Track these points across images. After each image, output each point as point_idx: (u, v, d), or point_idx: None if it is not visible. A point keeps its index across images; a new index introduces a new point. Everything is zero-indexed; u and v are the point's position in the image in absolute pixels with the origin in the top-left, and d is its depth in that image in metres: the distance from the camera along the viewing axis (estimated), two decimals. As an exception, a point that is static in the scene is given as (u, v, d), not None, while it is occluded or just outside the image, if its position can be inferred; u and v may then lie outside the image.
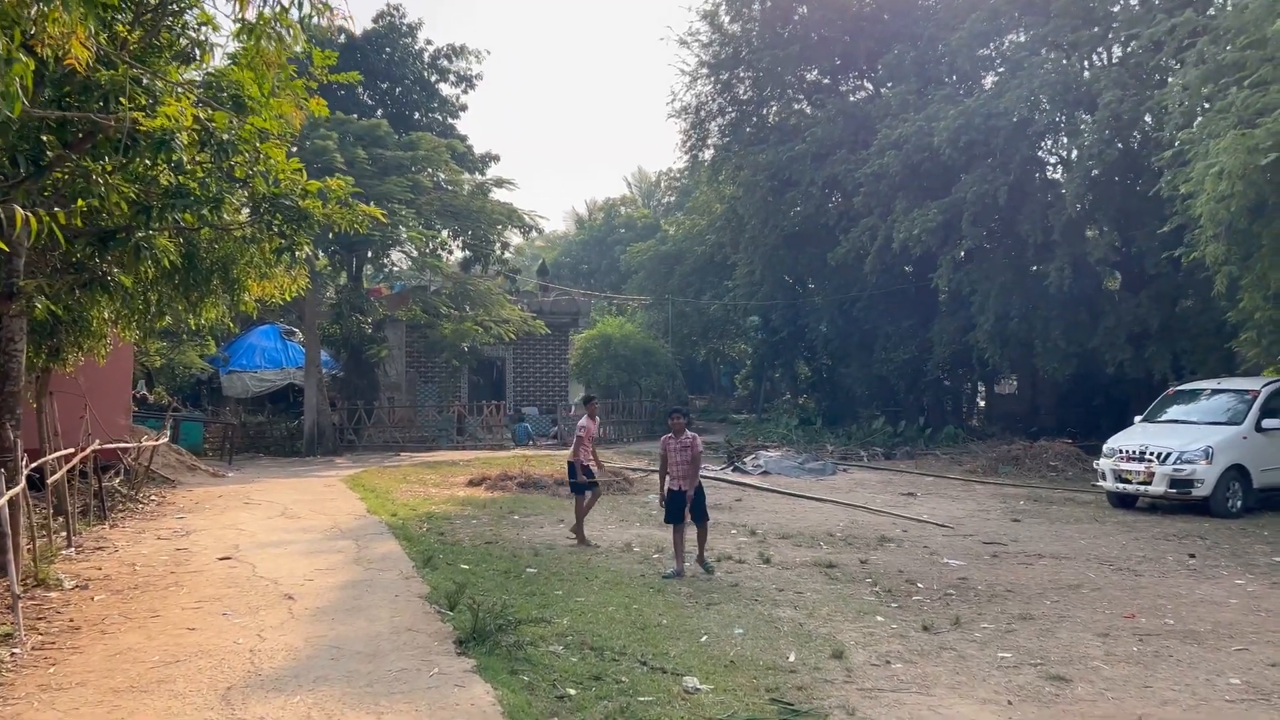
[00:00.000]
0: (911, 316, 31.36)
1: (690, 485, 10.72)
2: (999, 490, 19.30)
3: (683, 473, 10.73)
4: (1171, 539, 13.28)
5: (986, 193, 23.45)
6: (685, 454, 10.75)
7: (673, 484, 10.74)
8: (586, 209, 63.87)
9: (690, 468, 10.73)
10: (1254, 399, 15.93)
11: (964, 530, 14.19)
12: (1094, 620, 8.74)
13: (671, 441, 10.77)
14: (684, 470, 10.73)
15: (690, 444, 10.78)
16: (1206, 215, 14.86)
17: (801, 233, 32.00)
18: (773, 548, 12.58)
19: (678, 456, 10.74)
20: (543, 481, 18.28)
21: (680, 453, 10.74)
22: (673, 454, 10.75)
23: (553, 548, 12.24)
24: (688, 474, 10.74)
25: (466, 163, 32.93)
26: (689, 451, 10.76)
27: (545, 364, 36.25)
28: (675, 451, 10.75)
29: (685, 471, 10.74)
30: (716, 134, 35.01)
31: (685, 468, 10.72)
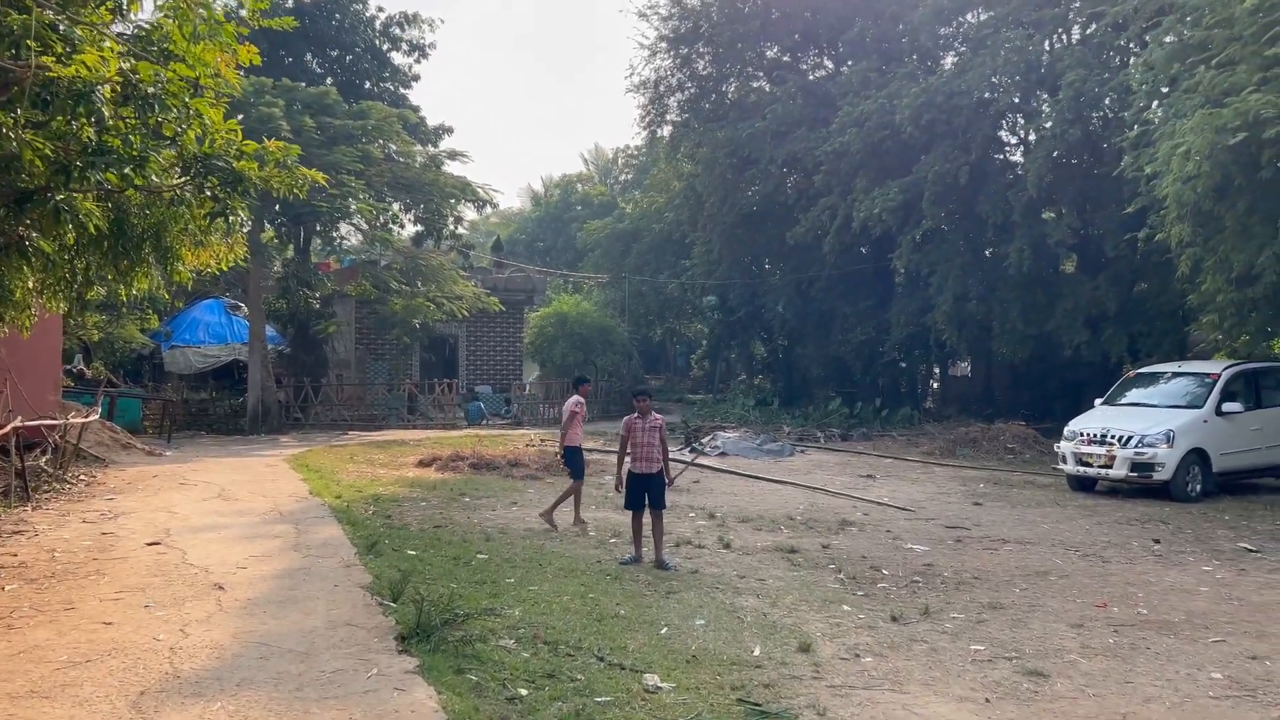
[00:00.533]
0: (869, 297, 31.19)
1: (659, 468, 10.23)
2: (958, 473, 19.10)
3: (650, 455, 10.20)
4: (1135, 524, 13.10)
5: (948, 172, 23.20)
6: (653, 435, 10.21)
7: (635, 467, 10.22)
8: (543, 185, 63.08)
9: (660, 450, 10.23)
10: (1214, 382, 15.82)
11: (925, 514, 13.92)
12: (1066, 610, 8.45)
13: (638, 423, 10.21)
14: (650, 453, 10.20)
15: (659, 425, 10.28)
16: (1172, 196, 14.65)
17: (760, 212, 31.61)
18: (732, 532, 12.19)
19: (644, 438, 10.20)
20: (496, 463, 17.75)
21: (647, 434, 10.20)
22: (639, 435, 10.21)
23: (505, 532, 11.75)
24: (656, 456, 10.23)
25: (419, 134, 32.07)
26: (657, 433, 10.24)
27: (499, 342, 35.59)
28: (642, 433, 10.19)
29: (653, 454, 10.21)
30: (675, 110, 34.47)
31: (653, 450, 10.20)
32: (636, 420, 10.23)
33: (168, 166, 8.72)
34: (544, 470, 17.56)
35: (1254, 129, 13.42)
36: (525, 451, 19.57)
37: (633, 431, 10.22)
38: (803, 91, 30.22)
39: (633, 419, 10.26)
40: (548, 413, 31.54)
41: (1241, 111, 13.54)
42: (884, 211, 23.81)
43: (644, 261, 40.63)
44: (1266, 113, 13.30)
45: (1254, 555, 10.98)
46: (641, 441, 10.14)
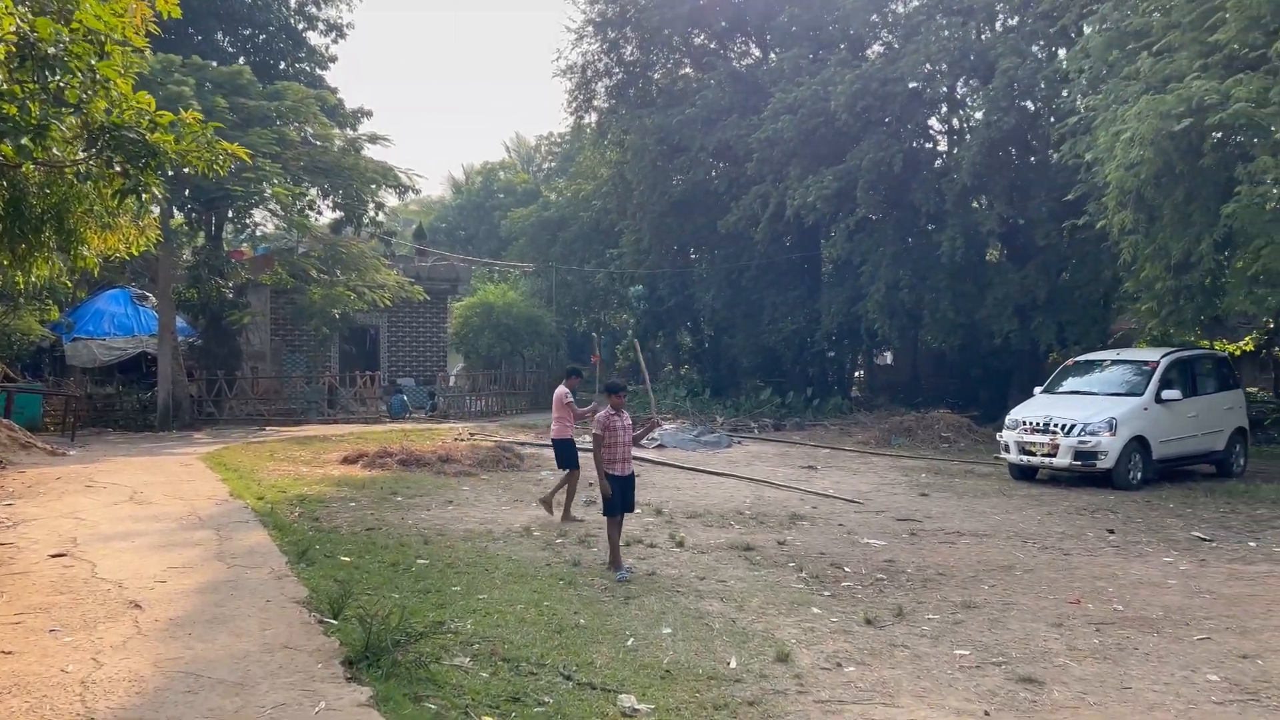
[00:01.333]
0: (799, 287, 31.04)
1: (632, 469, 9.61)
2: (896, 462, 18.95)
3: (628, 455, 9.53)
4: (1084, 513, 12.98)
5: (882, 160, 23.05)
6: (629, 434, 9.52)
7: (617, 468, 9.39)
8: (464, 173, 61.72)
9: (631, 449, 9.61)
10: (1153, 370, 15.85)
11: (874, 505, 13.63)
12: (1040, 607, 8.15)
13: (616, 421, 9.37)
14: (628, 453, 9.54)
15: (630, 423, 9.60)
16: (1115, 183, 14.59)
17: (691, 200, 31.21)
18: (683, 529, 11.71)
19: (625, 437, 9.46)
20: (426, 459, 16.98)
21: (626, 433, 9.45)
22: (619, 435, 9.41)
23: (444, 534, 11.07)
24: (631, 456, 9.60)
25: (337, 117, 30.84)
26: (630, 432, 9.56)
27: (422, 332, 34.57)
28: (622, 432, 9.39)
29: (629, 454, 9.56)
30: (603, 95, 33.84)
31: (629, 449, 9.55)
32: (614, 418, 9.40)
33: (71, 138, 7.87)
34: (477, 466, 16.87)
35: (1198, 115, 13.38)
36: (456, 446, 18.81)
37: (611, 430, 9.36)
38: (732, 79, 29.90)
39: (609, 416, 9.39)
40: (474, 405, 30.72)
41: (1185, 97, 13.49)
42: (818, 200, 23.58)
43: (571, 250, 39.94)
44: (1210, 99, 13.27)
45: (1209, 545, 10.89)
46: (621, 441, 9.42)
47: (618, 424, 9.38)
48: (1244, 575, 9.33)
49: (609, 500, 9.26)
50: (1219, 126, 13.43)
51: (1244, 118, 13.06)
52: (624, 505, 9.36)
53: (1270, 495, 14.36)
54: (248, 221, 29.85)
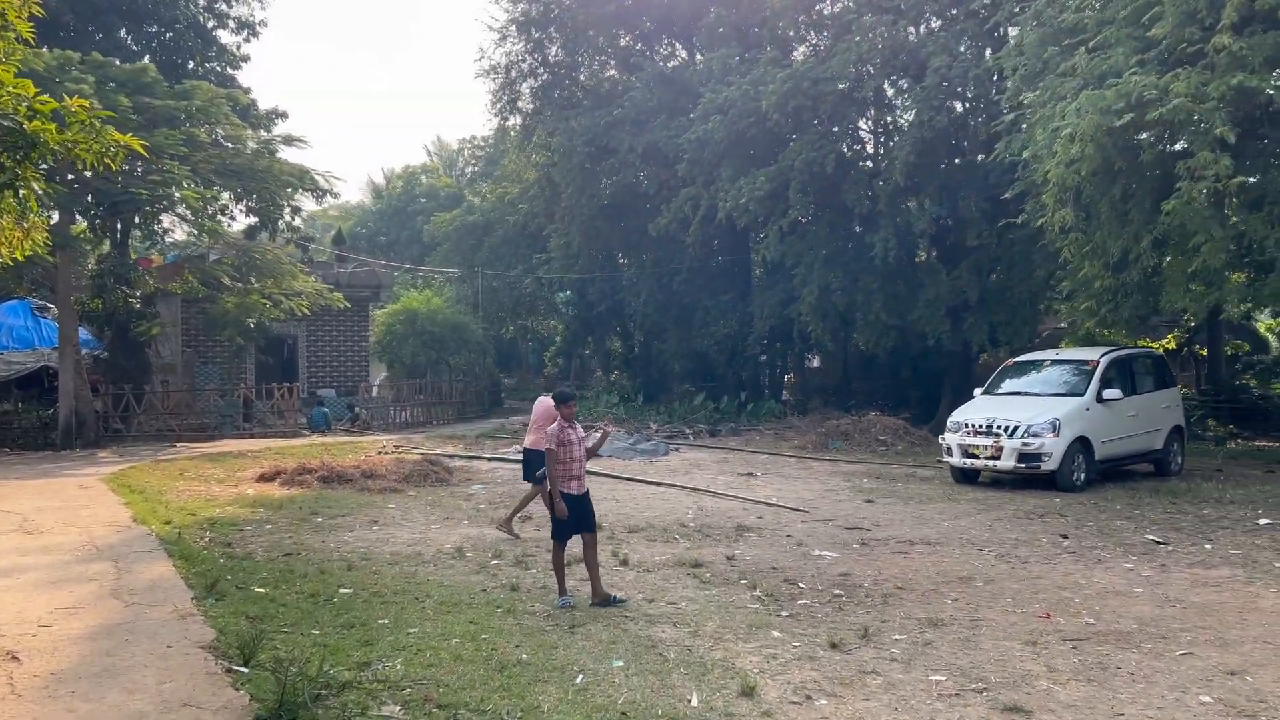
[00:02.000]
0: (730, 290, 30.70)
1: (587, 487, 8.72)
2: (836, 467, 18.58)
3: (582, 471, 8.68)
4: (1033, 518, 12.69)
5: (814, 160, 22.74)
6: (583, 448, 8.63)
7: (572, 486, 8.42)
8: (384, 177, 60.33)
9: (585, 465, 8.79)
10: (1093, 369, 15.70)
11: (820, 514, 13.17)
12: (1010, 623, 7.70)
13: (571, 433, 8.51)
14: (582, 469, 8.70)
15: (583, 435, 8.79)
16: (1055, 180, 14.37)
17: (620, 203, 30.65)
18: (625, 544, 11.09)
19: (580, 451, 8.65)
20: (348, 474, 16.08)
21: (581, 446, 8.60)
22: (574, 449, 8.51)
23: (369, 558, 10.28)
24: (585, 472, 8.77)
25: (251, 118, 29.52)
26: (584, 445, 8.68)
27: (343, 341, 33.41)
28: (577, 445, 8.53)
29: (583, 469, 8.71)
30: (528, 97, 33.10)
31: (583, 464, 8.64)
32: (567, 431, 8.52)
33: (-65, 127, 6.95)
34: (404, 481, 16.03)
35: (1138, 110, 13.21)
36: (380, 460, 17.93)
37: (566, 444, 8.45)
38: (660, 80, 29.44)
39: (564, 429, 8.48)
40: (398, 416, 29.69)
41: (1124, 93, 13.31)
42: (751, 201, 23.17)
43: (497, 255, 39.10)
44: (1148, 94, 13.11)
45: (1165, 549, 10.62)
46: (576, 455, 8.51)
47: (572, 437, 8.51)
48: (1208, 581, 9.04)
49: (562, 522, 8.38)
50: (1158, 122, 13.27)
51: (1183, 113, 12.92)
52: (577, 526, 8.49)
53: (1212, 494, 14.28)
54: (156, 227, 28.44)
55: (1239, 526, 11.86)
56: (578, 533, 8.47)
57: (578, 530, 8.46)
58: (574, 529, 8.45)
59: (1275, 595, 8.42)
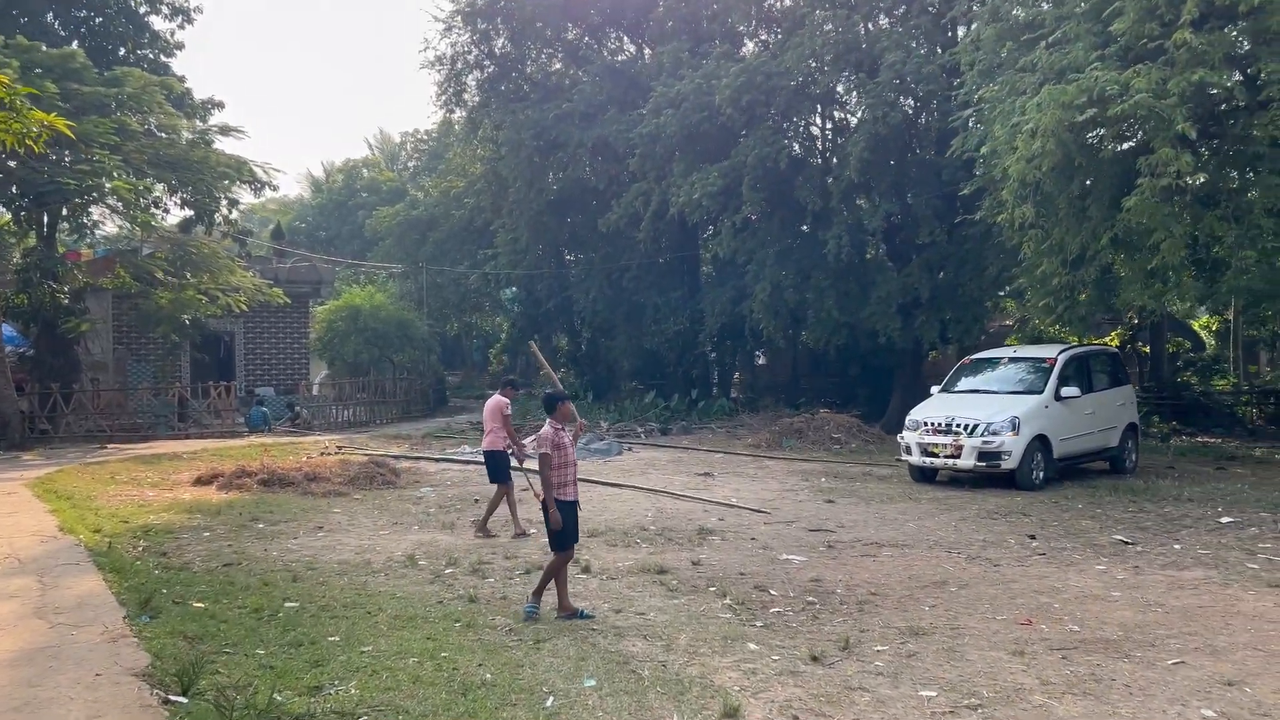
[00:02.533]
0: (680, 287, 30.42)
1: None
2: (791, 465, 18.33)
3: (575, 477, 8.13)
4: (997, 518, 12.51)
5: (768, 156, 22.48)
6: (573, 451, 8.05)
7: (568, 493, 7.87)
8: (324, 171, 59.04)
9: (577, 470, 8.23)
10: (1051, 367, 15.61)
11: (782, 516, 12.86)
12: (992, 631, 7.43)
13: (565, 437, 7.95)
14: (575, 474, 8.13)
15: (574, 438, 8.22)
16: (1015, 175, 14.22)
17: (569, 198, 30.19)
18: (586, 550, 10.65)
19: (574, 455, 8.08)
20: (290, 477, 15.43)
21: (573, 449, 8.04)
22: (569, 453, 7.94)
23: (315, 567, 9.73)
24: (577, 479, 8.24)
25: (185, 107, 28.57)
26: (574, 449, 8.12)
27: (282, 339, 32.49)
28: (573, 449, 8.01)
29: (576, 475, 8.09)
30: (474, 89, 32.44)
31: (576, 470, 8.08)
32: (562, 434, 7.94)
33: None
34: (349, 484, 15.43)
35: (1099, 106, 13.10)
36: (323, 462, 17.28)
37: (560, 449, 7.88)
38: (610, 73, 29.03)
39: (558, 433, 7.89)
40: (340, 415, 28.89)
41: (1086, 88, 13.20)
42: (704, 197, 22.84)
43: (442, 251, 38.37)
44: (1110, 89, 13.00)
45: (1135, 549, 10.47)
46: (571, 460, 7.95)
47: (566, 441, 7.95)
48: (1184, 583, 8.87)
49: (560, 532, 7.80)
50: (1120, 118, 13.18)
51: (1144, 109, 12.82)
52: (576, 535, 8.05)
53: (1171, 492, 14.25)
54: (85, 220, 27.37)
55: (1202, 525, 11.79)
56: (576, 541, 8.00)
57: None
58: (575, 537, 7.99)
59: (1254, 598, 8.27)
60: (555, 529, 7.79)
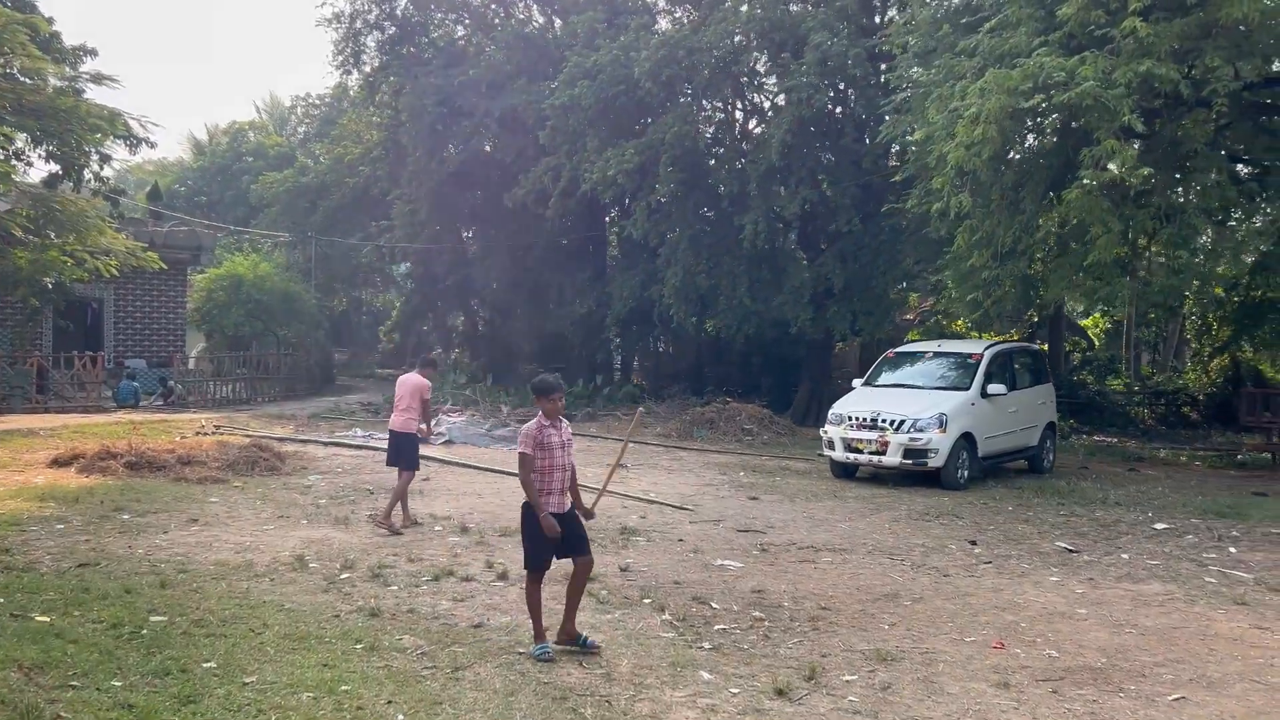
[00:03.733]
0: (587, 269, 29.44)
1: (572, 502, 6.85)
2: (705, 458, 17.57)
3: (565, 482, 6.67)
4: (930, 520, 11.93)
5: (686, 135, 21.64)
6: (569, 454, 6.71)
7: (553, 502, 6.57)
8: (207, 133, 55.84)
9: (571, 475, 6.79)
10: (977, 363, 15.19)
11: (706, 513, 12.04)
12: (966, 657, 6.70)
13: (552, 434, 6.57)
14: (566, 479, 6.68)
15: (569, 438, 6.81)
16: (955, 163, 13.64)
17: (473, 170, 28.84)
18: (499, 551, 9.64)
19: (565, 457, 6.64)
20: (162, 460, 13.90)
21: (566, 451, 6.68)
22: (555, 454, 6.56)
23: (188, 569, 8.45)
24: (572, 484, 6.80)
25: (53, 51, 26.04)
26: (570, 450, 6.77)
27: (157, 308, 30.17)
28: (560, 450, 6.61)
29: (568, 480, 6.72)
30: (374, 50, 30.75)
31: (569, 474, 6.71)
32: (549, 431, 6.58)
33: None
34: (228, 469, 13.98)
35: (1045, 93, 12.60)
36: (199, 444, 15.74)
37: (545, 448, 6.52)
38: (520, 41, 27.75)
39: (542, 429, 6.55)
40: (219, 392, 26.98)
41: (1031, 74, 12.68)
42: (619, 174, 21.85)
43: (333, 221, 36.46)
44: (1056, 76, 12.50)
45: (1082, 558, 9.96)
46: (559, 463, 6.58)
47: (554, 439, 6.56)
48: (1147, 599, 8.33)
49: (540, 546, 6.56)
50: (1064, 107, 12.70)
51: (1090, 98, 12.36)
52: (560, 550, 6.64)
53: (1096, 495, 13.98)
54: (-68, 171, 24.75)
55: (1138, 531, 11.44)
56: (563, 557, 6.66)
57: (563, 555, 6.65)
58: (554, 552, 6.65)
59: (1225, 617, 7.76)
60: (532, 540, 6.55)
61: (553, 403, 6.63)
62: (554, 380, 6.77)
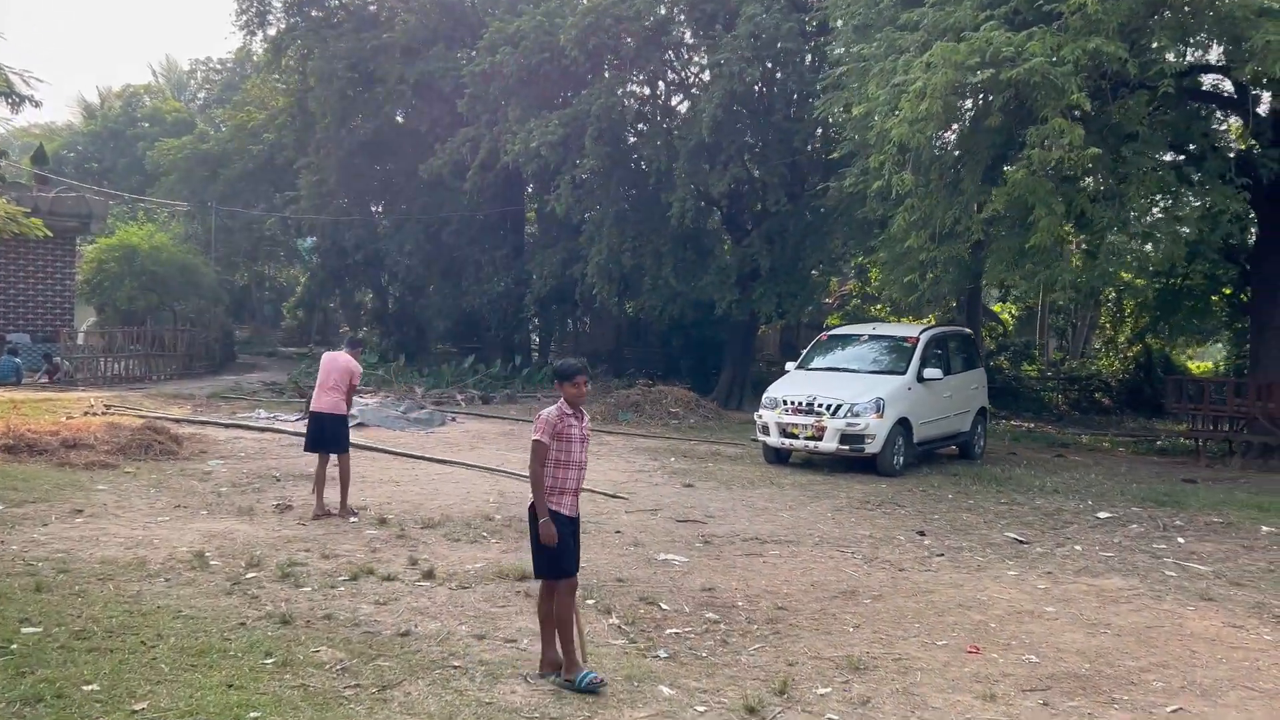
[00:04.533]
0: (506, 245, 28.50)
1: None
2: (632, 442, 16.93)
3: (580, 484, 5.84)
4: (872, 508, 11.50)
5: (613, 107, 20.83)
6: (585, 450, 5.85)
7: (565, 504, 5.73)
8: (99, 96, 52.82)
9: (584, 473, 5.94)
10: (914, 347, 14.82)
11: (641, 502, 11.40)
12: (942, 664, 6.19)
13: (573, 424, 5.72)
14: (581, 480, 5.85)
15: (588, 434, 5.93)
16: (898, 139, 13.16)
17: (386, 140, 27.59)
18: (422, 545, 8.85)
19: (583, 453, 5.78)
20: (43, 443, 12.66)
21: (584, 448, 5.82)
22: (574, 449, 5.72)
23: (70, 570, 7.49)
24: (581, 487, 5.89)
25: (-77, -3, 24.03)
26: (587, 446, 5.90)
27: (42, 278, 28.17)
28: (581, 444, 5.77)
29: (581, 482, 5.88)
30: (280, 11, 29.10)
31: (584, 471, 5.89)
32: (571, 421, 5.73)
33: None
34: (118, 453, 12.83)
35: (994, 68, 12.19)
36: (86, 425, 14.48)
37: (564, 440, 5.68)
38: (437, 6, 26.52)
39: (564, 417, 5.69)
40: (110, 369, 25.32)
41: (979, 48, 12.27)
42: (543, 146, 20.95)
43: (234, 191, 34.64)
44: (1005, 51, 12.11)
45: (1036, 550, 9.60)
46: (576, 459, 5.74)
47: (575, 432, 5.72)
48: (1112, 595, 7.96)
49: (553, 554, 5.64)
50: (1011, 83, 12.32)
51: (1039, 75, 11.99)
52: (577, 563, 5.84)
53: (1033, 482, 13.74)
54: None
55: (1083, 520, 11.16)
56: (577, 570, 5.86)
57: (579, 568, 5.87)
58: (575, 564, 5.80)
59: (1197, 615, 7.43)
60: (549, 544, 5.60)
61: (576, 387, 5.76)
62: (578, 362, 5.87)
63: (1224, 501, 12.38)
